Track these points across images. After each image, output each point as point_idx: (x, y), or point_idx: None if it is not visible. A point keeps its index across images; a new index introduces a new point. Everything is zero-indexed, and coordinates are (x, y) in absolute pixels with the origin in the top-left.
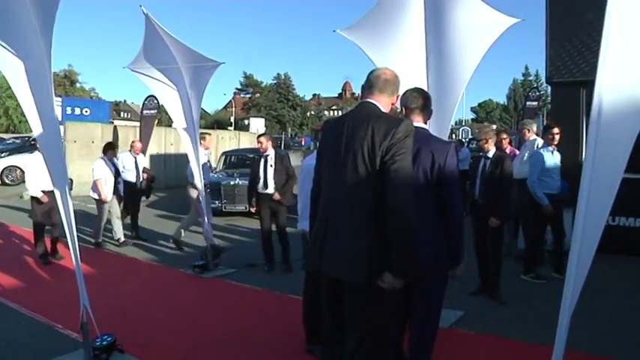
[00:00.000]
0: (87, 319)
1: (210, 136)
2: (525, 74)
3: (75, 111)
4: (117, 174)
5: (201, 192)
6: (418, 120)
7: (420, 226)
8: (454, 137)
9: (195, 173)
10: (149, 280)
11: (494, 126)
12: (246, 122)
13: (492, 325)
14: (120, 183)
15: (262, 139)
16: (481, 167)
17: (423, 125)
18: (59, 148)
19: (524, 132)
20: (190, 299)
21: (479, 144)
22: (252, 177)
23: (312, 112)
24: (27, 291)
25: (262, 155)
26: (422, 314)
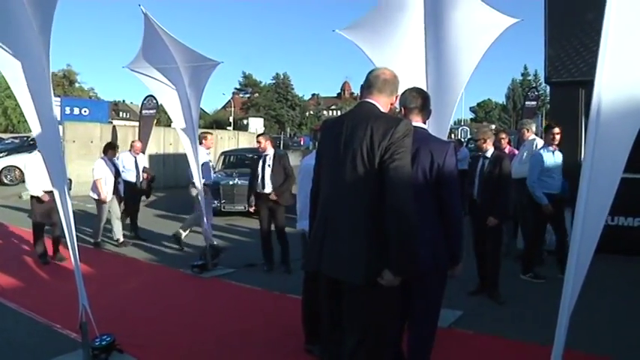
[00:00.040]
0: (86, 319)
1: (211, 136)
2: (524, 74)
3: (74, 111)
4: (117, 174)
5: (200, 192)
6: (417, 120)
7: (420, 226)
8: (453, 137)
9: (194, 173)
10: (148, 280)
11: (493, 126)
12: (245, 122)
13: (491, 325)
14: (120, 183)
15: (261, 139)
16: (479, 167)
17: (422, 125)
18: (58, 148)
19: (523, 132)
20: (189, 299)
21: (477, 144)
22: (251, 177)
23: (311, 112)
24: (26, 291)
25: (261, 155)
26: (421, 314)
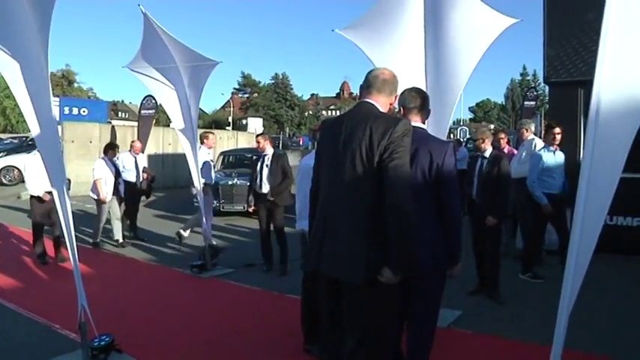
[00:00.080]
0: (85, 319)
1: (213, 136)
2: (523, 74)
3: (73, 111)
4: (117, 174)
5: (199, 192)
6: (416, 120)
7: (419, 226)
8: (452, 137)
9: (193, 173)
10: (147, 280)
11: (491, 126)
12: (244, 122)
13: (490, 325)
14: (120, 184)
15: (260, 139)
16: (478, 167)
17: (421, 125)
18: (57, 148)
19: (522, 132)
20: (188, 299)
21: (475, 144)
22: (251, 177)
23: (310, 112)
24: (25, 291)
25: (260, 155)
26: (420, 314)
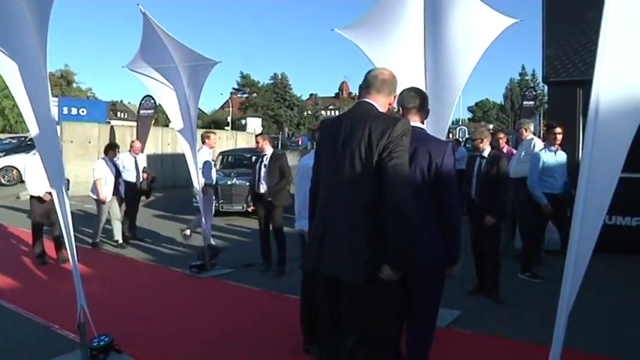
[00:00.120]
0: (84, 320)
1: (214, 135)
2: (522, 74)
3: (72, 111)
4: (118, 174)
5: (198, 192)
6: (415, 120)
7: (419, 226)
8: (451, 137)
9: (192, 173)
10: (146, 280)
11: (490, 125)
12: (243, 122)
13: (489, 325)
14: (121, 184)
15: (259, 139)
16: (477, 166)
17: (420, 125)
18: (56, 149)
19: (521, 131)
20: (187, 299)
21: (474, 143)
22: (252, 177)
23: (309, 112)
24: (24, 291)
25: (260, 155)
26: (419, 314)
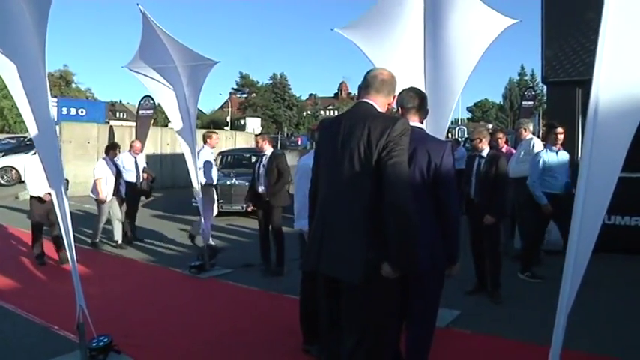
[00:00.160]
0: (83, 320)
1: (216, 135)
2: (521, 74)
3: (71, 111)
4: (118, 175)
5: (197, 192)
6: (414, 120)
7: (419, 225)
8: (450, 136)
9: (192, 174)
10: (146, 281)
11: (490, 125)
12: (242, 122)
13: (489, 325)
14: (121, 184)
15: (258, 139)
16: (476, 166)
17: (420, 125)
18: (56, 149)
19: (520, 131)
20: (187, 299)
21: (472, 143)
22: (252, 177)
23: (308, 112)
24: (23, 292)
25: (260, 155)
26: (419, 314)
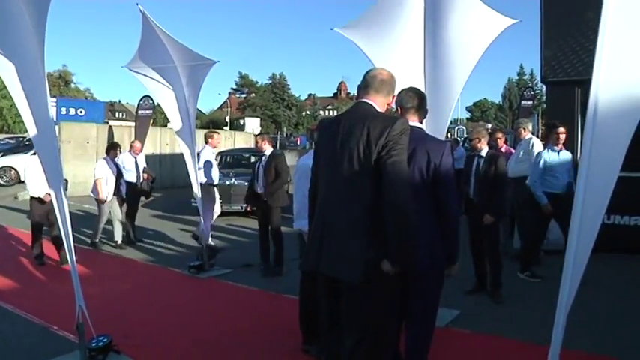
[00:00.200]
0: (82, 320)
1: (218, 135)
2: (520, 73)
3: (70, 111)
4: (119, 175)
5: (196, 193)
6: (414, 119)
7: (418, 223)
8: (449, 136)
9: (191, 174)
10: (145, 281)
11: (489, 125)
12: (241, 122)
13: (488, 324)
14: (122, 184)
15: (258, 139)
16: (475, 166)
17: (419, 125)
18: (55, 149)
19: (520, 131)
20: (186, 299)
21: (471, 143)
22: (251, 177)
23: (307, 112)
24: (22, 292)
25: (260, 155)
26: (418, 314)
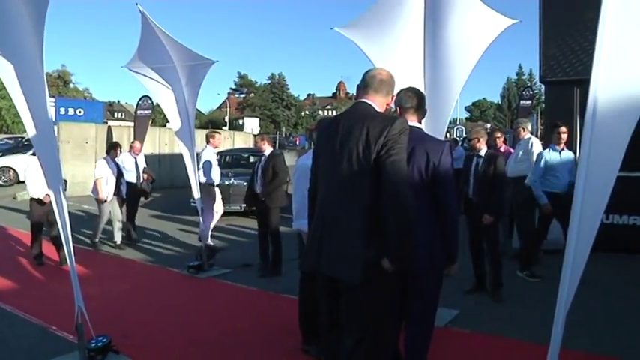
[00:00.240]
0: (82, 320)
1: (219, 135)
2: (519, 73)
3: (68, 111)
4: (119, 175)
5: (195, 193)
6: (412, 119)
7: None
8: (448, 136)
9: (190, 175)
10: (144, 281)
11: (488, 125)
12: (240, 122)
13: (488, 324)
14: (123, 184)
15: (257, 139)
16: (474, 166)
17: (418, 125)
18: (54, 149)
19: (519, 131)
20: (185, 300)
21: (470, 143)
22: (250, 177)
23: (306, 112)
24: (21, 292)
25: (260, 155)
26: (417, 314)
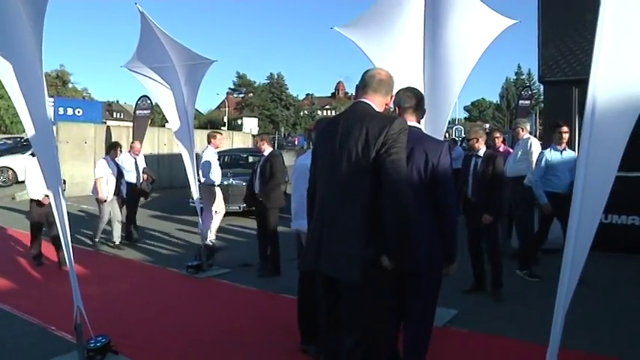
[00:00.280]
0: (80, 321)
1: (220, 135)
2: (518, 73)
3: (67, 111)
4: (120, 174)
5: (195, 193)
6: (411, 119)
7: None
8: (447, 136)
9: (190, 175)
10: (143, 281)
11: (487, 125)
12: (239, 122)
13: (487, 324)
14: (123, 184)
15: (256, 140)
16: (472, 166)
17: (417, 124)
18: (53, 149)
19: (518, 131)
20: (184, 300)
21: (469, 143)
22: (250, 177)
23: (305, 112)
24: (20, 292)
25: (260, 155)
26: (416, 313)
